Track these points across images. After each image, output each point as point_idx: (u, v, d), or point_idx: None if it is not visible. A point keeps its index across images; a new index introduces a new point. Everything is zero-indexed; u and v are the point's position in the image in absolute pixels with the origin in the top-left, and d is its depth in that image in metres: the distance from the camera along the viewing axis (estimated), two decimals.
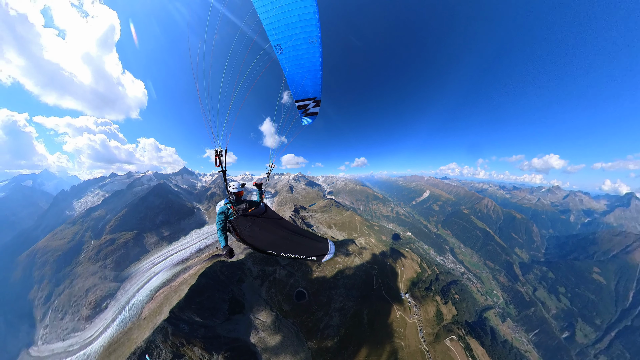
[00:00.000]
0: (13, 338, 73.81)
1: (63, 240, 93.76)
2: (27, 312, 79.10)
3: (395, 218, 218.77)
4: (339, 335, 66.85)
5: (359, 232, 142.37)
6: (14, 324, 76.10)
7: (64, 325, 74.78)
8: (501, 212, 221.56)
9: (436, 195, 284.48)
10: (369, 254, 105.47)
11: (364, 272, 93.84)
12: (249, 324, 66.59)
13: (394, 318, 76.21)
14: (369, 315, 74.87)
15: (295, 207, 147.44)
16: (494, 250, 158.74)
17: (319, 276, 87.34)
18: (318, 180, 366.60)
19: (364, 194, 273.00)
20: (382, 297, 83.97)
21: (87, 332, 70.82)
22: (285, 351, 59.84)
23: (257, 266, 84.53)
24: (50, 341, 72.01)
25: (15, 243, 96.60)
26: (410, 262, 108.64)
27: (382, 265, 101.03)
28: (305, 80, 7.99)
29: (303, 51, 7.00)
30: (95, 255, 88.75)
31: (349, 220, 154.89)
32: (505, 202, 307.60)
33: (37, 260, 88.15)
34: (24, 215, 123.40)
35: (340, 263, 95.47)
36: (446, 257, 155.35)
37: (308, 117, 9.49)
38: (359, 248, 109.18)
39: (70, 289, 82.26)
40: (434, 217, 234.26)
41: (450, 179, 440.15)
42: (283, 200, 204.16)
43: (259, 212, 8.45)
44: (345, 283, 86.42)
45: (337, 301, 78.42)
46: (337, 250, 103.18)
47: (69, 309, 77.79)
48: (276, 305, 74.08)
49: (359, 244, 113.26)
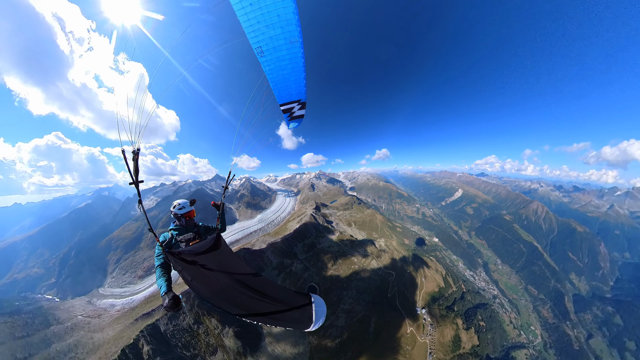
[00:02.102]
0: (91, 281, 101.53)
1: (129, 232, 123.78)
2: (103, 267, 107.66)
3: (421, 220, 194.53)
4: (341, 338, 67.20)
5: (379, 232, 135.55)
6: (94, 272, 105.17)
7: (124, 278, 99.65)
8: (555, 221, 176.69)
9: (470, 195, 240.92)
10: (388, 258, 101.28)
11: (379, 277, 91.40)
12: None
13: (404, 333, 73.01)
14: (376, 324, 73.00)
15: (317, 204, 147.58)
16: (540, 273, 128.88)
17: (333, 274, 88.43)
18: (339, 177, 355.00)
19: (387, 191, 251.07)
20: (395, 308, 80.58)
21: (137, 286, 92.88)
22: (286, 340, 63.81)
23: (276, 257, 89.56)
24: (112, 286, 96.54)
25: (98, 233, 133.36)
26: (434, 274, 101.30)
27: (401, 272, 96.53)
28: (289, 83, 7.86)
29: (284, 52, 6.94)
30: (152, 243, 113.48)
31: (369, 219, 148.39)
32: (561, 207, 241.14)
33: (112, 245, 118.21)
34: (104, 214, 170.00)
35: (357, 264, 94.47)
36: (477, 273, 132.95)
37: (294, 121, 9.26)
38: (377, 250, 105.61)
39: (133, 257, 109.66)
40: (467, 222, 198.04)
41: (489, 175, 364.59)
42: (305, 199, 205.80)
43: (200, 247, 5.81)
44: (358, 285, 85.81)
45: (346, 302, 78.83)
46: (355, 250, 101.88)
47: (130, 269, 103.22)
48: None
49: (378, 246, 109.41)
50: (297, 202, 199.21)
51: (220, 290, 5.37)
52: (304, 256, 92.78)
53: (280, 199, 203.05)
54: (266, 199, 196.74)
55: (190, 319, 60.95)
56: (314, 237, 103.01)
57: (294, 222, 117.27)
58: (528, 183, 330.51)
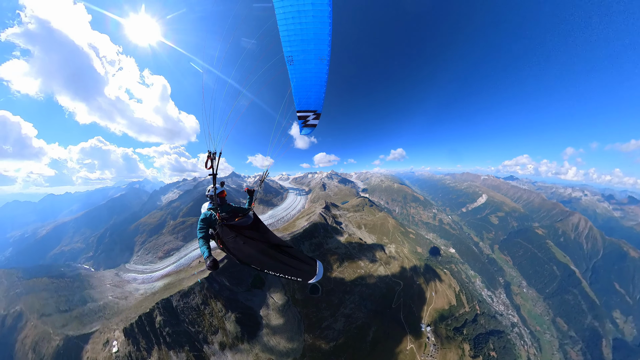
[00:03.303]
0: (120, 257, 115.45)
1: (155, 219, 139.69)
2: (130, 247, 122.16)
3: (438, 227, 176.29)
4: (336, 341, 66.10)
5: (390, 237, 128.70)
6: (123, 250, 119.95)
7: (146, 258, 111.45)
8: (601, 240, 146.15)
9: (496, 202, 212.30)
10: (397, 266, 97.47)
11: (386, 285, 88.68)
12: (263, 299, 74.75)
13: (403, 349, 69.26)
14: (375, 334, 70.51)
15: (327, 204, 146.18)
16: (574, 304, 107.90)
17: (337, 276, 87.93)
18: (351, 177, 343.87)
19: (402, 193, 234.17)
20: (398, 320, 77.00)
21: (156, 265, 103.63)
22: (282, 334, 64.86)
23: None
24: (136, 263, 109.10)
25: (129, 218, 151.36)
26: (446, 289, 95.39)
27: (410, 283, 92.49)
28: (310, 93, 8.54)
29: (312, 66, 7.57)
30: (172, 230, 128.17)
31: (381, 223, 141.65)
32: (611, 224, 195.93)
33: (139, 229, 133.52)
34: (134, 204, 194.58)
35: (363, 269, 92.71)
36: (497, 294, 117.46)
37: (307, 128, 10.01)
38: (387, 256, 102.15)
39: (155, 241, 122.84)
40: (491, 233, 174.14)
41: (519, 179, 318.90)
42: (316, 198, 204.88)
43: (245, 222, 8.07)
44: (362, 291, 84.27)
45: (347, 307, 77.74)
46: (363, 254, 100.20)
47: (152, 251, 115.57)
48: (290, 291, 79.59)
49: (387, 252, 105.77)
50: (307, 200, 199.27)
51: (254, 254, 7.03)
52: (310, 255, 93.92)
53: (291, 197, 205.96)
54: (278, 197, 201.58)
55: (199, 300, 65.51)
56: (322, 236, 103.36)
57: (303, 220, 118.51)
58: (568, 190, 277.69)
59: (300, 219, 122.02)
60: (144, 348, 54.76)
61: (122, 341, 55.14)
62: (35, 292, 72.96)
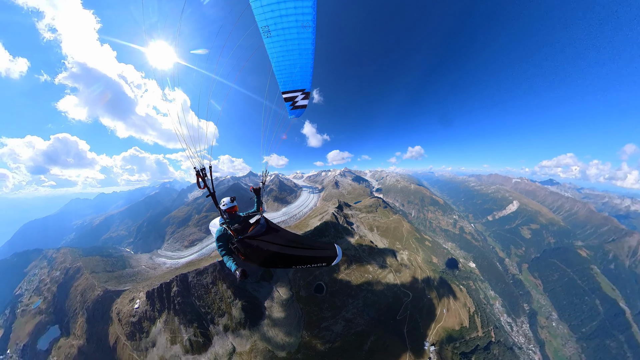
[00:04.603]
0: (154, 244, 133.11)
1: (182, 213, 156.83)
2: (162, 236, 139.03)
3: (457, 236, 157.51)
4: (332, 344, 65.88)
5: (403, 243, 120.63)
6: (156, 238, 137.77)
7: (175, 246, 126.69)
8: None
9: (530, 211, 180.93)
10: (409, 276, 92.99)
11: (393, 294, 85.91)
12: (269, 291, 78.83)
13: None
14: (373, 344, 68.16)
15: (339, 203, 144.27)
16: (618, 354, 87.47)
17: (344, 279, 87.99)
18: (365, 175, 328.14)
19: (419, 195, 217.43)
20: (400, 334, 73.37)
21: (182, 252, 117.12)
22: (282, 327, 67.40)
23: None
24: (166, 250, 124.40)
25: (162, 212, 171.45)
26: (459, 308, 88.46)
27: (420, 295, 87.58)
28: (294, 69, 7.33)
29: (294, 36, 6.32)
30: (196, 223, 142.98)
31: (394, 226, 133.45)
32: None
33: (170, 221, 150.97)
34: (166, 200, 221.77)
35: (371, 274, 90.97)
36: (518, 322, 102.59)
37: (296, 111, 8.94)
38: (398, 263, 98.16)
39: (182, 232, 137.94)
40: (520, 249, 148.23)
41: (560, 184, 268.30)
42: (328, 196, 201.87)
43: (259, 230, 8.06)
44: (366, 297, 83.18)
45: (349, 311, 77.31)
46: (373, 258, 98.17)
47: (179, 240, 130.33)
48: (295, 287, 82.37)
49: (399, 259, 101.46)
50: (319, 199, 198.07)
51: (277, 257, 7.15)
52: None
53: (304, 195, 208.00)
54: (292, 194, 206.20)
55: (209, 279, 73.06)
56: (332, 236, 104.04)
57: (315, 219, 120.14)
58: (626, 201, 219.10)
59: (313, 218, 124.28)
60: (157, 309, 66.26)
61: (143, 301, 67.55)
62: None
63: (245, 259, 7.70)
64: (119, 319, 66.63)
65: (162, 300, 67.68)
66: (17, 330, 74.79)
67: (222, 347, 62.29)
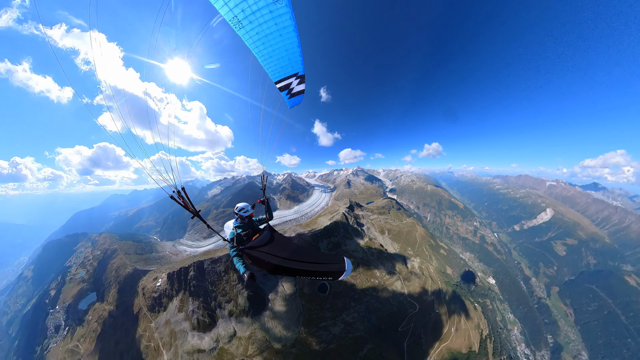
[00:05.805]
0: (177, 233, 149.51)
1: (202, 208, 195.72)
2: (184, 227, 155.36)
3: (477, 246, 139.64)
4: (328, 345, 65.74)
5: (416, 250, 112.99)
6: (179, 229, 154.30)
7: (195, 236, 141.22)
8: None
9: (567, 222, 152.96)
10: (418, 286, 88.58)
11: (398, 304, 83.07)
12: (275, 285, 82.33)
13: None
14: (369, 352, 66.18)
15: (351, 203, 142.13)
16: None
17: (348, 281, 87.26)
18: (379, 175, 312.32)
19: (436, 197, 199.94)
20: (400, 347, 70.27)
21: (201, 243, 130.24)
22: (281, 320, 69.80)
23: None
24: (187, 240, 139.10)
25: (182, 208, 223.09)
26: (470, 329, 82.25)
27: (428, 309, 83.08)
28: (280, 54, 6.41)
29: (268, 17, 5.33)
30: (214, 217, 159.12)
31: (407, 230, 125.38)
32: None
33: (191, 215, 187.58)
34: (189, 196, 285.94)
35: (378, 279, 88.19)
36: (538, 356, 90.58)
37: (294, 98, 8.20)
38: (407, 271, 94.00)
39: (202, 224, 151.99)
40: (551, 268, 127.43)
41: (608, 190, 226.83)
42: (340, 195, 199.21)
43: (263, 240, 8.16)
44: (369, 302, 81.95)
45: (350, 315, 76.75)
46: (381, 263, 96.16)
47: (199, 232, 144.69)
48: (300, 284, 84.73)
49: (409, 266, 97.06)
50: (331, 198, 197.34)
51: (282, 265, 7.07)
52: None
53: (316, 193, 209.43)
54: (304, 193, 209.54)
55: (222, 268, 79.65)
56: (341, 236, 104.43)
57: (326, 218, 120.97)
58: None
59: (323, 217, 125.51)
60: (175, 289, 75.26)
61: (164, 281, 77.23)
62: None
63: (253, 263, 7.90)
64: (143, 293, 76.38)
65: (180, 282, 76.26)
66: (64, 292, 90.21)
67: (225, 329, 66.92)
